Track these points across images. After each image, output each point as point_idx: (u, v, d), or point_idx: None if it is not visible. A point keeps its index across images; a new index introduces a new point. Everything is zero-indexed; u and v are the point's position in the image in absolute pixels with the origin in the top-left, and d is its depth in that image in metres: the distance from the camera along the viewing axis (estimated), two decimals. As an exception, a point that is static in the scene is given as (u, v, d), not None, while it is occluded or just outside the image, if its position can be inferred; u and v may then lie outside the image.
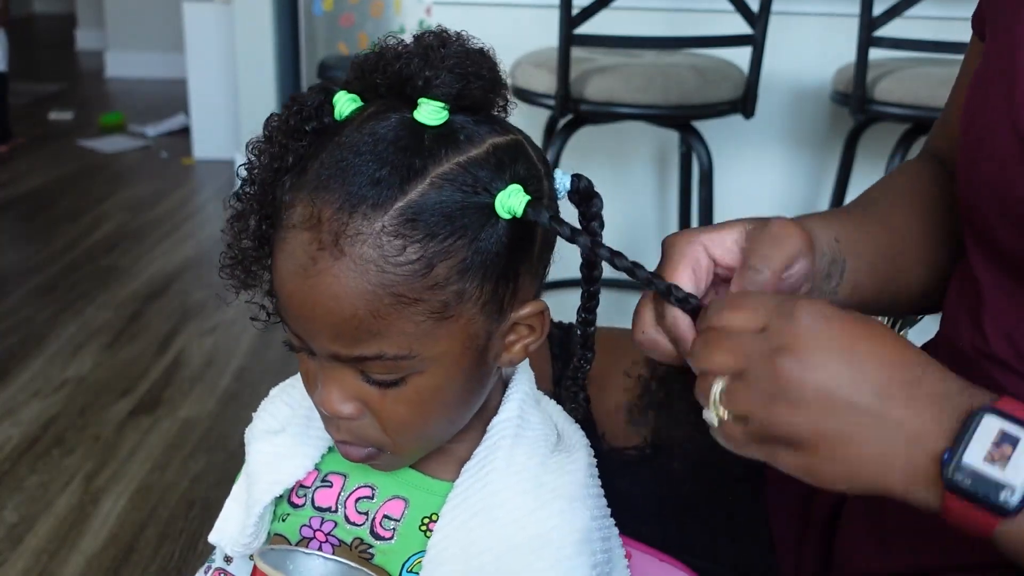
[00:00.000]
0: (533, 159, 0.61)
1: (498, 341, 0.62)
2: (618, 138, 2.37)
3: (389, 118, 0.58)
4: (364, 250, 0.55)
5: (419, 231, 0.55)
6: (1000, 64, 0.69)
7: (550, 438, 0.68)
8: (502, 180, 0.58)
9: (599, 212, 0.63)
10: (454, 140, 0.57)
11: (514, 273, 0.60)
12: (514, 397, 0.68)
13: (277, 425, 0.72)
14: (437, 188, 0.56)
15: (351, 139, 0.57)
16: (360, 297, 0.56)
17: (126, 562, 1.71)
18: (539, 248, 0.62)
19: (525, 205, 0.57)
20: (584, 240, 0.59)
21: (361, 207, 0.55)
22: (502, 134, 0.60)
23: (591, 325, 0.67)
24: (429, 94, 0.57)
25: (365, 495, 0.68)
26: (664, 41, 2.04)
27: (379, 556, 0.66)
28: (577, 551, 0.63)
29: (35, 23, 8.49)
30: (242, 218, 0.61)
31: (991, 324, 0.69)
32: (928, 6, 1.87)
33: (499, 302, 0.60)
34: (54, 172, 4.20)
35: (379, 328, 0.57)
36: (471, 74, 0.58)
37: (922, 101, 1.87)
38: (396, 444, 0.63)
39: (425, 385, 0.60)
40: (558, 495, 0.64)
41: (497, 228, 0.58)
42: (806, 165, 2.41)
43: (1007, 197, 0.66)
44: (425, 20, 3.94)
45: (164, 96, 5.57)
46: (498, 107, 0.62)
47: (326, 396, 0.61)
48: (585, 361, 0.69)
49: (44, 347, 2.53)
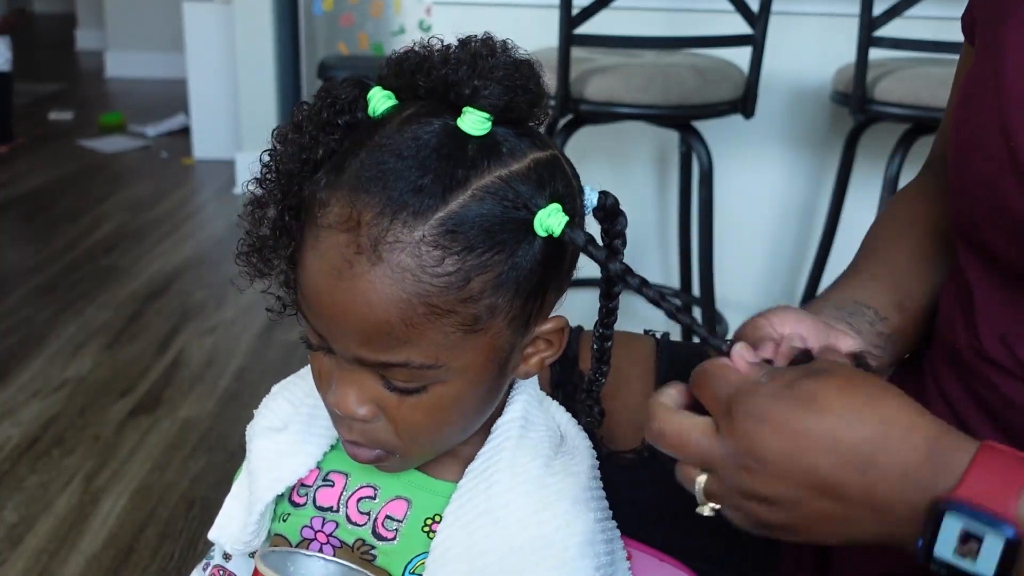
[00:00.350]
0: (569, 176, 0.61)
1: (518, 353, 0.62)
2: (618, 138, 2.37)
3: (432, 124, 0.57)
4: (402, 258, 0.54)
5: (458, 243, 0.55)
6: (988, 67, 0.69)
7: (554, 440, 0.68)
8: (542, 197, 0.57)
9: (623, 231, 0.63)
10: (497, 152, 0.57)
11: (543, 290, 0.60)
12: (518, 399, 0.68)
13: (279, 422, 0.71)
14: (478, 200, 0.55)
15: (393, 141, 0.56)
16: (394, 305, 0.55)
17: (126, 562, 1.71)
18: (568, 265, 0.62)
19: (564, 226, 0.56)
20: (617, 267, 0.59)
21: (402, 214, 0.54)
22: (542, 149, 0.59)
23: (608, 340, 0.67)
24: (476, 104, 0.56)
25: (367, 495, 0.68)
26: (664, 41, 2.04)
27: (381, 557, 0.66)
28: (581, 553, 0.63)
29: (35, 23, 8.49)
30: (262, 205, 0.60)
31: (984, 326, 0.69)
32: (928, 6, 1.87)
33: (526, 317, 0.60)
34: (54, 172, 4.20)
35: (409, 336, 0.56)
36: (519, 87, 0.57)
37: (922, 101, 1.87)
38: (407, 448, 0.63)
39: (445, 394, 0.60)
40: (562, 497, 0.64)
41: (533, 245, 0.57)
42: (806, 165, 2.41)
43: (997, 200, 0.66)
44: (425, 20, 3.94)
45: (164, 96, 5.57)
46: (538, 119, 0.61)
47: (342, 397, 0.60)
48: (600, 375, 0.69)
49: (44, 347, 2.53)
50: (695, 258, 2.24)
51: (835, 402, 0.54)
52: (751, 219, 2.45)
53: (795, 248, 2.48)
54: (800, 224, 2.46)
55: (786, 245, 2.48)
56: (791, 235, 2.47)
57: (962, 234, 0.73)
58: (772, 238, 2.48)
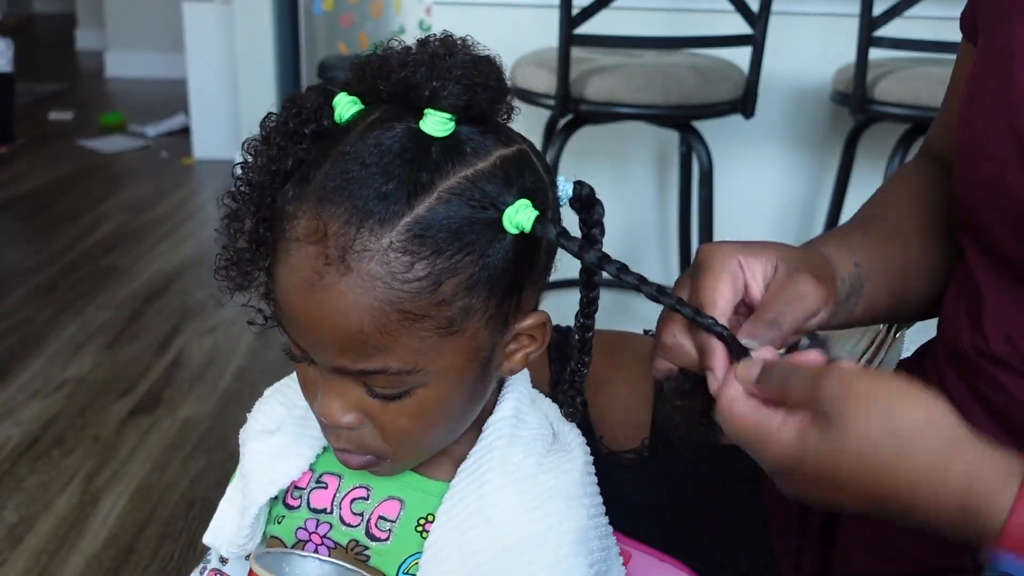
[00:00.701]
0: (539, 169, 0.61)
1: (500, 351, 0.62)
2: (618, 138, 2.37)
3: (394, 128, 0.57)
4: (371, 266, 0.54)
5: (427, 247, 0.54)
6: (996, 67, 0.69)
7: (546, 437, 0.68)
8: (510, 194, 0.57)
9: (600, 220, 0.63)
10: (461, 153, 0.56)
11: (519, 286, 0.59)
12: (509, 396, 0.68)
13: (272, 425, 0.71)
14: (445, 203, 0.55)
15: (355, 149, 0.56)
16: (366, 313, 0.55)
17: (126, 562, 1.71)
18: (543, 259, 0.61)
19: (533, 221, 0.56)
20: (592, 256, 0.58)
21: (368, 222, 0.54)
22: (508, 145, 0.59)
23: (589, 330, 0.67)
24: (436, 105, 0.56)
25: (360, 496, 0.68)
26: (664, 41, 2.04)
27: (375, 557, 0.66)
28: (574, 551, 0.63)
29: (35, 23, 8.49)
30: (237, 218, 0.60)
31: (991, 324, 0.69)
32: (928, 6, 1.87)
33: (504, 315, 0.59)
34: (54, 172, 4.20)
35: (385, 343, 0.56)
36: (479, 85, 0.57)
37: (922, 101, 1.87)
38: (396, 452, 0.63)
39: (428, 397, 0.60)
40: (554, 494, 0.64)
41: (504, 243, 0.57)
42: (806, 165, 2.41)
43: (1005, 199, 0.66)
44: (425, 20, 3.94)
45: (164, 96, 5.57)
46: (502, 115, 0.61)
47: (327, 406, 0.61)
48: (583, 365, 0.69)
49: (44, 347, 2.53)
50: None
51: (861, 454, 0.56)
52: (751, 219, 2.45)
53: (795, 248, 2.48)
54: (800, 224, 2.46)
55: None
56: (791, 235, 2.47)
57: (968, 232, 0.73)
58: (772, 238, 2.46)
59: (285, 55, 4.24)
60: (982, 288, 0.70)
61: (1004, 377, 0.68)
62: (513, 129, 0.62)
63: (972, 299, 0.71)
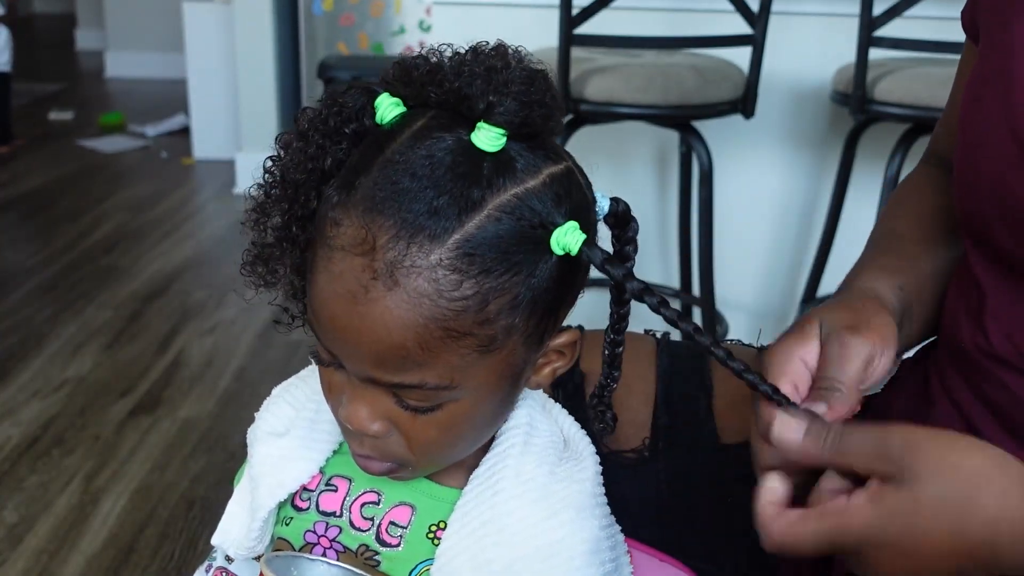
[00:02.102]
0: (584, 187, 0.60)
1: (531, 368, 0.62)
2: (618, 138, 2.37)
3: (445, 139, 0.55)
4: (419, 283, 0.53)
5: (476, 266, 0.53)
6: (997, 66, 0.69)
7: (557, 445, 0.68)
8: (559, 214, 0.56)
9: (634, 237, 0.62)
10: (512, 169, 0.55)
11: (558, 307, 0.59)
12: (522, 405, 0.67)
13: (281, 427, 0.70)
14: (495, 221, 0.54)
15: (406, 158, 0.55)
16: (410, 329, 0.54)
17: (126, 562, 1.71)
18: (581, 279, 0.61)
19: (581, 244, 0.55)
20: (635, 286, 0.56)
21: (418, 237, 0.53)
22: (556, 162, 0.58)
23: (619, 346, 0.66)
24: (491, 119, 0.54)
25: (371, 500, 0.67)
26: (664, 41, 2.04)
27: (385, 563, 0.66)
28: (587, 562, 0.63)
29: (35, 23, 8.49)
30: (266, 212, 0.59)
31: (993, 323, 0.69)
32: (928, 6, 1.87)
33: (540, 334, 0.59)
34: (54, 172, 4.20)
35: (424, 359, 0.55)
36: (535, 102, 0.55)
37: (922, 101, 1.87)
38: (419, 461, 0.62)
39: (459, 411, 0.59)
40: (567, 505, 0.64)
41: (550, 264, 0.56)
42: (806, 165, 2.41)
43: (1006, 200, 0.66)
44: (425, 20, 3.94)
45: (164, 96, 5.57)
46: (553, 133, 0.60)
47: (354, 413, 0.59)
48: (612, 380, 0.68)
49: (44, 347, 2.53)
50: (695, 258, 2.24)
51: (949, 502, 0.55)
52: (751, 219, 2.45)
53: (795, 248, 2.48)
54: (800, 224, 2.46)
55: (786, 245, 2.48)
56: (791, 235, 2.47)
57: (970, 233, 0.73)
58: (772, 238, 2.48)
59: (285, 55, 4.24)
60: (984, 287, 0.70)
61: (1006, 376, 0.68)
62: (558, 144, 0.61)
63: (973, 298, 0.71)
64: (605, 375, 0.68)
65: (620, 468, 0.87)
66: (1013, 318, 0.68)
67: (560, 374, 0.64)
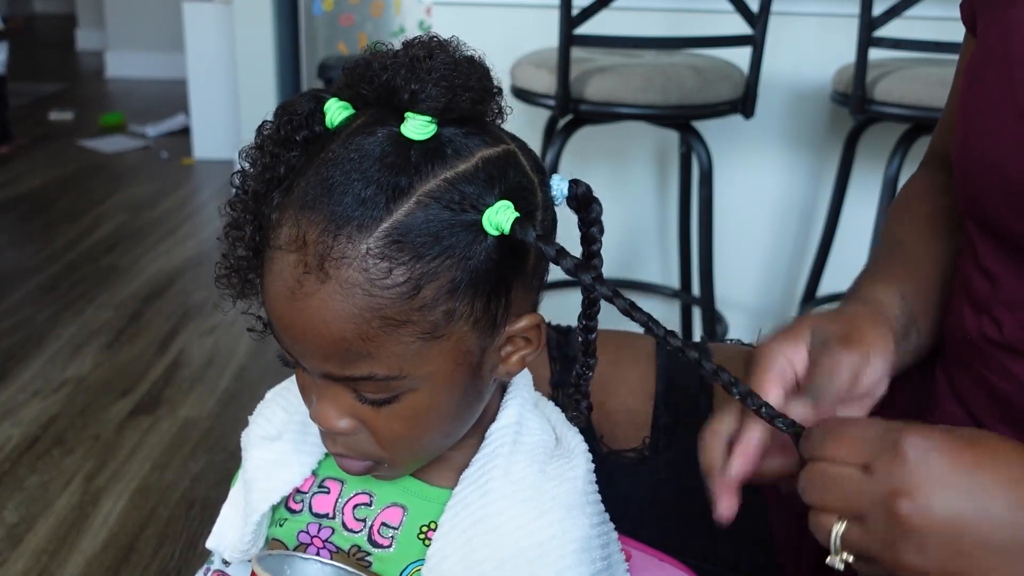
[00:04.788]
0: (526, 169, 0.60)
1: (493, 355, 0.61)
2: (618, 138, 2.37)
3: (376, 132, 0.56)
4: (350, 273, 0.54)
5: (405, 252, 0.54)
6: (997, 51, 0.69)
7: (548, 443, 0.67)
8: (491, 195, 0.56)
9: (598, 218, 0.62)
10: (441, 155, 0.56)
11: (506, 288, 0.59)
12: (512, 403, 0.67)
13: (274, 431, 0.71)
14: (423, 207, 0.54)
15: (337, 155, 0.56)
16: (348, 320, 0.55)
17: (126, 562, 1.71)
18: (533, 260, 0.60)
19: (513, 222, 0.55)
20: (568, 263, 0.56)
21: (346, 228, 0.54)
22: (493, 145, 0.58)
23: (592, 332, 0.66)
24: (416, 108, 0.55)
25: (363, 502, 0.67)
26: (664, 41, 2.04)
27: (377, 564, 0.66)
28: (577, 560, 0.63)
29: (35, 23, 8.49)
30: (238, 227, 0.60)
31: (1005, 311, 0.69)
32: (928, 6, 1.87)
33: (492, 318, 0.59)
34: (54, 172, 4.20)
35: (368, 350, 0.56)
36: (459, 86, 0.56)
37: (922, 101, 1.87)
38: (392, 458, 0.63)
39: (419, 402, 0.59)
40: (557, 504, 0.64)
41: (486, 245, 0.56)
42: (806, 165, 2.41)
43: (1012, 183, 0.66)
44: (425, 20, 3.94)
45: (164, 96, 5.57)
46: (492, 115, 0.60)
47: (322, 412, 0.60)
48: (587, 368, 0.68)
49: (44, 347, 2.53)
50: (695, 258, 2.24)
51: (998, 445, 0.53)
52: (751, 219, 2.45)
53: (795, 248, 2.48)
54: (800, 224, 2.46)
55: (786, 245, 2.48)
56: (791, 235, 2.47)
57: (975, 219, 0.72)
58: (772, 238, 2.48)
59: (285, 55, 4.24)
60: (994, 275, 0.70)
61: (1017, 366, 0.67)
62: (505, 130, 0.61)
63: (981, 288, 0.71)
64: (581, 363, 0.68)
65: (620, 468, 0.87)
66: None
67: (530, 361, 0.63)
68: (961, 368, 0.73)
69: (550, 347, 0.90)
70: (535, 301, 0.64)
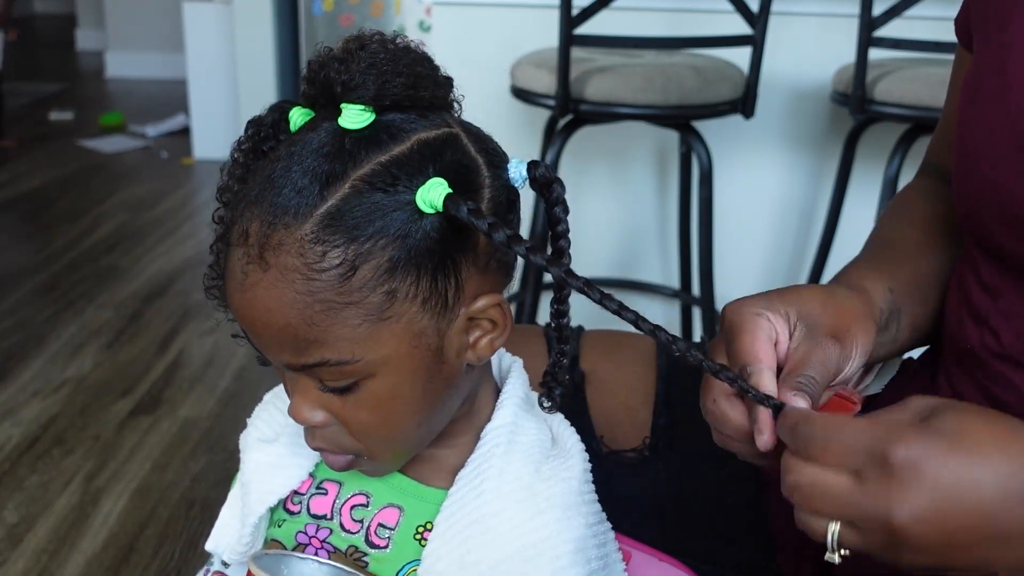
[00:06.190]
0: (469, 150, 0.60)
1: (456, 338, 0.60)
2: (618, 138, 2.37)
3: (319, 127, 0.58)
4: (288, 260, 0.55)
5: (339, 235, 0.55)
6: (993, 70, 0.69)
7: (544, 443, 0.67)
8: (424, 175, 0.56)
9: (560, 198, 0.61)
10: (376, 141, 0.57)
11: (454, 267, 0.58)
12: (507, 403, 0.67)
13: (271, 433, 0.71)
14: (357, 192, 0.55)
15: (281, 152, 0.58)
16: (291, 307, 0.56)
17: (126, 562, 1.71)
18: (485, 240, 0.59)
19: (444, 198, 0.55)
20: (500, 236, 0.56)
21: (284, 218, 0.55)
22: (434, 128, 0.59)
23: (564, 316, 0.64)
24: (349, 98, 0.57)
25: (360, 503, 0.68)
26: (664, 41, 2.04)
27: (373, 564, 0.66)
28: (572, 561, 0.63)
29: (35, 23, 8.49)
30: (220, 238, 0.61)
31: (1003, 323, 0.69)
32: (928, 6, 1.87)
33: (442, 298, 0.58)
34: (54, 172, 4.20)
35: (316, 335, 0.57)
36: (388, 72, 0.57)
37: (922, 101, 1.87)
38: (369, 449, 0.63)
39: (380, 388, 0.59)
40: (552, 504, 0.64)
41: (424, 224, 0.56)
42: (806, 165, 2.41)
43: (1006, 202, 0.66)
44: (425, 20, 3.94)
45: (164, 96, 5.57)
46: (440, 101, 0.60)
47: (295, 407, 0.61)
48: (561, 355, 0.66)
49: (44, 347, 2.53)
50: (695, 258, 2.24)
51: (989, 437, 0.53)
52: (751, 219, 2.45)
53: (795, 248, 2.48)
54: (800, 224, 2.46)
55: (786, 245, 2.48)
56: (791, 235, 2.47)
57: (972, 234, 0.73)
58: (772, 238, 2.48)
59: (285, 55, 4.24)
60: (993, 288, 0.70)
61: (1017, 376, 0.68)
62: (459, 118, 0.62)
63: (980, 299, 0.71)
64: (555, 350, 0.66)
65: (620, 468, 0.87)
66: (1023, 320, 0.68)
67: (499, 346, 0.62)
68: (964, 378, 0.73)
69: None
70: (502, 283, 0.63)
